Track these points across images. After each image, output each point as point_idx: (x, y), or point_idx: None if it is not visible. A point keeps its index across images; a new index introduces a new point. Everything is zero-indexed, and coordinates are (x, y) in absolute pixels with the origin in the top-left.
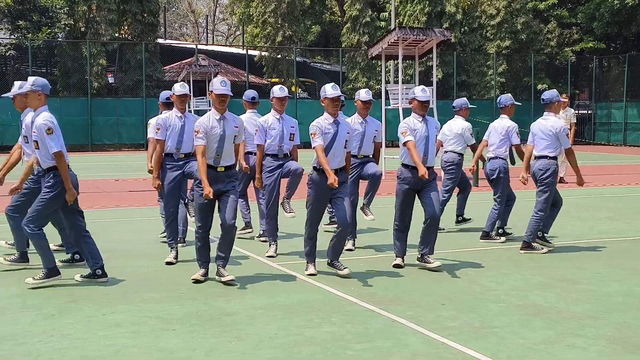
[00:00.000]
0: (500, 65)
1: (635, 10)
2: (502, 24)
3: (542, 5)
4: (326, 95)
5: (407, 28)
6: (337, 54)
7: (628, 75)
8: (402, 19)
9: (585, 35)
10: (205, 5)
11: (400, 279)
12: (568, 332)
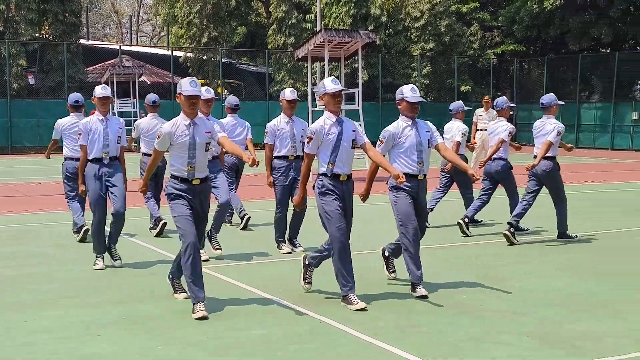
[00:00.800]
0: (425, 67)
1: (553, 14)
2: (426, 27)
3: (464, 9)
4: (326, 90)
5: (332, 30)
6: (263, 56)
7: (547, 78)
8: (327, 21)
9: (506, 38)
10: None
11: (329, 280)
12: (494, 329)
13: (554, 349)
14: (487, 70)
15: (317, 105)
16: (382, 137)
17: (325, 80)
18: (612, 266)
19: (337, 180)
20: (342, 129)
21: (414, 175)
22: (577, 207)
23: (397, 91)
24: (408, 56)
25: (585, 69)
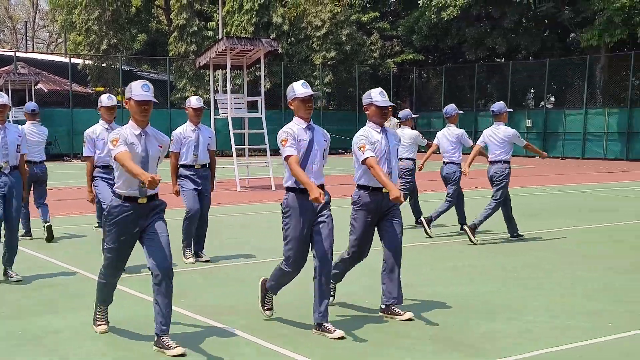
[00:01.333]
0: (327, 76)
1: (450, 24)
2: (327, 36)
3: (365, 18)
4: (296, 95)
5: (234, 38)
6: (164, 63)
7: (445, 86)
8: (229, 29)
9: (405, 47)
10: (24, 11)
11: (232, 289)
12: (396, 334)
13: (455, 351)
14: (388, 78)
15: (219, 113)
16: (362, 142)
17: (294, 85)
18: (512, 270)
19: (307, 194)
20: (313, 136)
21: (379, 188)
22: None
23: (365, 95)
24: (310, 64)
25: (482, 78)
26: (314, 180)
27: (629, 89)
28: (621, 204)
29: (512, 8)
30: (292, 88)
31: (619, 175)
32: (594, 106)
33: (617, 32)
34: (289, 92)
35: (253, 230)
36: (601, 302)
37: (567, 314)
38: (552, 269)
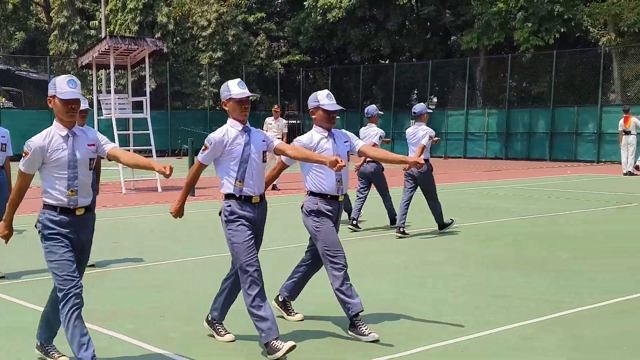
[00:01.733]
0: (213, 76)
1: (336, 26)
2: (213, 36)
3: (251, 19)
4: (231, 95)
5: (118, 37)
6: (44, 62)
7: (332, 87)
8: (113, 28)
9: (292, 48)
10: None
11: (118, 293)
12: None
13: (343, 348)
14: (275, 79)
15: (103, 114)
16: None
17: (230, 84)
18: (395, 267)
19: (248, 203)
20: (250, 139)
21: (335, 197)
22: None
23: (311, 98)
24: (196, 64)
25: (367, 79)
26: (255, 188)
27: (506, 90)
28: (500, 201)
29: (396, 11)
30: (227, 87)
31: (499, 174)
32: (475, 107)
33: (494, 35)
34: (223, 92)
35: (138, 234)
36: (482, 297)
37: (451, 310)
38: (435, 266)
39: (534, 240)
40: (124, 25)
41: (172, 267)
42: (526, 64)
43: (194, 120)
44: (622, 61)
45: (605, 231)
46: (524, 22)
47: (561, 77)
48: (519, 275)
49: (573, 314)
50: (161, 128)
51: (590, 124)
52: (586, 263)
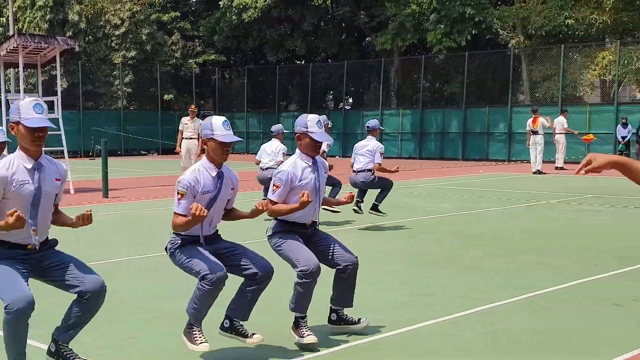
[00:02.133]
0: (127, 76)
1: (251, 26)
2: (127, 34)
3: (165, 17)
4: (214, 136)
5: (27, 35)
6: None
7: (248, 87)
8: (22, 26)
9: (207, 47)
10: None
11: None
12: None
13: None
14: (190, 79)
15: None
16: (278, 181)
17: (214, 122)
18: None
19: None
20: (221, 186)
21: (304, 224)
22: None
23: (299, 121)
24: (109, 64)
25: (283, 79)
26: (208, 228)
27: (420, 91)
28: (416, 200)
29: (311, 11)
30: (210, 125)
31: (413, 174)
32: (389, 107)
33: (408, 36)
34: (205, 129)
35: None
36: (401, 294)
37: (370, 308)
38: None
39: (449, 238)
40: (33, 23)
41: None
42: (439, 65)
43: (107, 121)
44: (530, 63)
45: (516, 228)
46: (437, 24)
47: (473, 78)
48: (436, 273)
49: (488, 310)
50: (73, 128)
51: (501, 124)
52: (500, 260)
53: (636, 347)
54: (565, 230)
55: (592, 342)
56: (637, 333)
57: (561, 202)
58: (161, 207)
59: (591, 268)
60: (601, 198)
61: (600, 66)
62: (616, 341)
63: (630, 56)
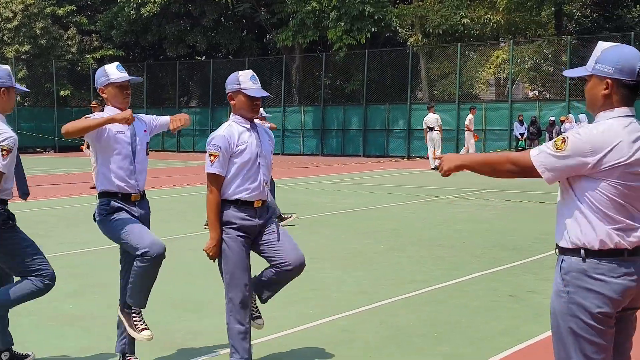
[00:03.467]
0: (21, 71)
1: (150, 20)
2: (20, 28)
3: (61, 11)
4: (110, 80)
5: None
6: None
7: (147, 83)
8: None
9: (105, 42)
10: None
11: None
12: (102, 335)
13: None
14: (87, 75)
15: None
16: (213, 149)
17: (107, 68)
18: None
19: (128, 201)
20: (135, 130)
21: (252, 202)
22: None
23: (230, 79)
24: (2, 58)
25: (183, 75)
26: (138, 183)
27: (321, 88)
28: (318, 196)
29: (211, 7)
30: (103, 72)
31: (315, 170)
32: (291, 104)
33: (309, 34)
34: (100, 78)
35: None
36: (301, 291)
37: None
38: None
39: (350, 233)
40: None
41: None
42: (340, 63)
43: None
44: (428, 61)
45: (416, 223)
46: (337, 22)
47: (373, 76)
48: (337, 268)
49: (389, 304)
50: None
51: (401, 121)
52: (399, 254)
53: (532, 336)
54: (463, 225)
55: (490, 332)
56: (533, 323)
57: (459, 197)
58: (61, 206)
59: (488, 261)
60: (497, 193)
61: (494, 64)
62: (513, 331)
63: (522, 55)
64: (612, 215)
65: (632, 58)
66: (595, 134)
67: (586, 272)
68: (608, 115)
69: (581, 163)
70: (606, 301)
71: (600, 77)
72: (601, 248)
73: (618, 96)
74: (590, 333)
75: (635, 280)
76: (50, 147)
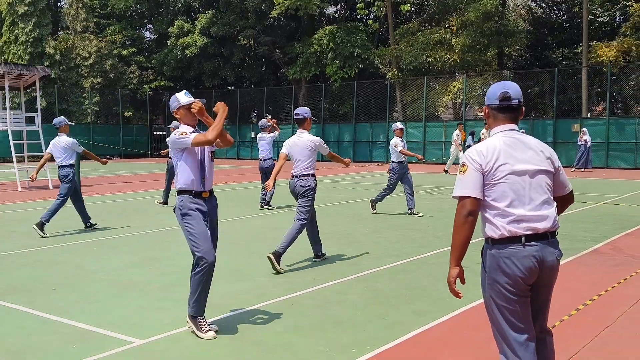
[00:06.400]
0: (95, 97)
1: (192, 59)
2: (94, 65)
3: (125, 52)
4: (181, 103)
5: (12, 64)
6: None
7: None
8: (7, 57)
9: (158, 76)
10: None
11: (15, 273)
12: (154, 298)
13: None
14: (145, 100)
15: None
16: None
17: (178, 95)
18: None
19: (199, 197)
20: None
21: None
22: None
23: (172, 100)
24: (80, 87)
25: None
26: (207, 184)
27: (321, 110)
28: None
29: (238, 49)
30: (175, 98)
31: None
32: None
33: (312, 69)
34: (173, 103)
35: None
36: (305, 263)
37: (282, 274)
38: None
39: (342, 219)
40: (17, 55)
41: (59, 249)
42: (335, 91)
43: (79, 132)
44: (402, 90)
45: (391, 212)
46: (333, 60)
47: (360, 101)
48: (333, 245)
49: (371, 273)
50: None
51: (381, 135)
52: (379, 235)
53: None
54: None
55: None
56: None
57: (425, 193)
58: (126, 199)
59: (447, 241)
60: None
61: (452, 92)
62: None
63: (473, 85)
64: None
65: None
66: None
67: None
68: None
69: None
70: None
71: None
72: None
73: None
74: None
75: None
76: (117, 155)
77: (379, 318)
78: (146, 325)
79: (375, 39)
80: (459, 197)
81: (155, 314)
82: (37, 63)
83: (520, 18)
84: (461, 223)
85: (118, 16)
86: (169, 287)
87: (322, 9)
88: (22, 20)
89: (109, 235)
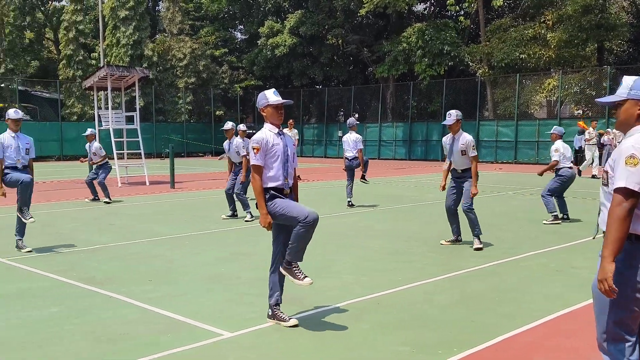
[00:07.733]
0: (188, 97)
1: (282, 59)
2: (188, 66)
3: (217, 53)
4: (269, 102)
5: (114, 66)
6: (55, 85)
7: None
8: (109, 59)
9: (248, 75)
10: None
11: (114, 264)
12: (242, 292)
13: (292, 305)
14: (235, 99)
15: (102, 124)
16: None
17: (267, 92)
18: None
19: (281, 193)
20: (286, 141)
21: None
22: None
23: (260, 97)
24: (175, 87)
25: (305, 100)
26: (289, 180)
27: (409, 108)
28: (406, 191)
29: (326, 48)
30: (264, 96)
31: (404, 171)
32: (386, 121)
33: (400, 67)
34: (261, 100)
35: (130, 217)
36: (392, 263)
37: (368, 273)
38: (353, 241)
39: (432, 220)
40: (118, 57)
41: (154, 243)
42: (424, 89)
43: (173, 130)
44: (493, 87)
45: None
46: (422, 58)
47: (449, 99)
48: (421, 246)
49: (459, 275)
50: (148, 136)
51: (471, 134)
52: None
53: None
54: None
55: (537, 297)
56: (579, 292)
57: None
58: (215, 196)
59: (541, 243)
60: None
61: (546, 90)
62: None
63: (569, 82)
64: None
65: None
66: None
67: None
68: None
69: None
70: None
71: (635, 100)
72: None
73: None
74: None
75: None
76: (209, 152)
77: (466, 320)
78: (235, 318)
79: (466, 35)
80: (629, 190)
81: (242, 308)
82: (136, 65)
83: (623, 10)
84: (625, 216)
85: (211, 18)
86: (256, 281)
87: (411, 6)
88: (123, 24)
89: (200, 231)
